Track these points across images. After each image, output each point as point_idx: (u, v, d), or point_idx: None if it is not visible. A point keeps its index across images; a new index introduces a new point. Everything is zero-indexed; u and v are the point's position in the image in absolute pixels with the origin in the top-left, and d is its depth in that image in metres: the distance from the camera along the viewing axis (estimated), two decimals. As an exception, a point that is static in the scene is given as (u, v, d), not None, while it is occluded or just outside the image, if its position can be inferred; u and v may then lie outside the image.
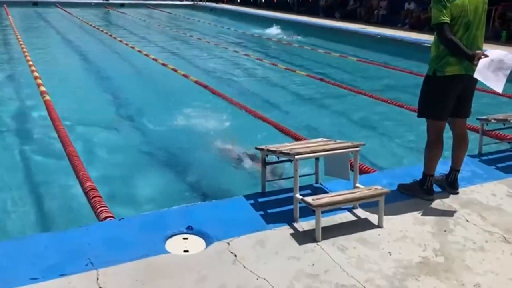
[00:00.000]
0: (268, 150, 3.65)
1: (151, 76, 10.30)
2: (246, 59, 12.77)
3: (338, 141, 3.87)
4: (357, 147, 3.61)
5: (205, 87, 8.76)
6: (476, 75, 3.46)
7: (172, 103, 8.05)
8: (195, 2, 29.93)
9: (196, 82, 9.14)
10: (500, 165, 4.65)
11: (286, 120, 7.22)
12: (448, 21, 3.53)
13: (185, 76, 9.71)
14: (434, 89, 3.72)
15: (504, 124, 4.94)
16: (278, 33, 18.01)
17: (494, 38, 15.00)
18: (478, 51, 3.54)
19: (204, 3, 29.43)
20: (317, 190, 3.92)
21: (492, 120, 4.83)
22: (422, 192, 3.87)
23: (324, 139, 4.05)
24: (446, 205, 3.80)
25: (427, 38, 15.00)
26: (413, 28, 17.85)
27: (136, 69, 11.08)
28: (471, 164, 4.66)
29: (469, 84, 3.73)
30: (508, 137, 5.31)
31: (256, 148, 3.82)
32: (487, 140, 5.25)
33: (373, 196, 3.36)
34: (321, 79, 9.93)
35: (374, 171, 4.74)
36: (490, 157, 4.87)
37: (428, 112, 3.80)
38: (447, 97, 3.69)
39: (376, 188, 3.43)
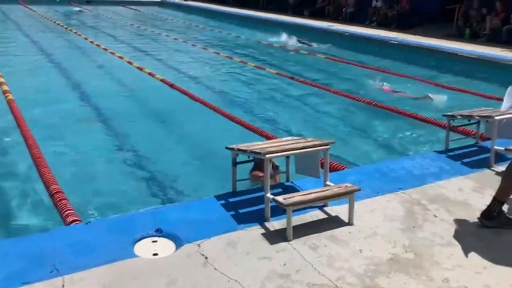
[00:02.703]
0: (238, 149, 3.61)
1: (117, 74, 10.10)
2: (215, 56, 12.67)
3: (308, 139, 3.87)
4: (327, 145, 3.62)
5: (171, 85, 8.64)
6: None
7: (136, 101, 7.93)
8: (163, -1, 29.56)
9: (162, 80, 9.02)
10: (466, 160, 4.75)
11: (256, 119, 7.21)
12: None
13: (150, 74, 9.58)
14: None
15: (469, 120, 5.04)
16: (247, 31, 17.96)
17: (458, 36, 15.37)
18: None
19: (172, 0, 29.09)
20: (288, 189, 3.90)
21: (458, 116, 4.93)
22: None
23: (295, 138, 4.05)
24: (415, 201, 3.85)
25: (395, 36, 15.27)
26: (381, 25, 18.09)
27: (103, 69, 10.83)
28: (438, 159, 4.75)
29: None
30: (473, 132, 5.42)
31: (227, 148, 3.77)
32: (454, 135, 5.37)
33: (344, 194, 3.37)
34: (291, 77, 9.94)
35: (344, 168, 4.77)
36: (457, 152, 4.97)
37: None
38: None
39: (346, 186, 3.45)
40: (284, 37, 15.73)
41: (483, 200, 3.89)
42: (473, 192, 4.06)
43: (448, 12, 16.34)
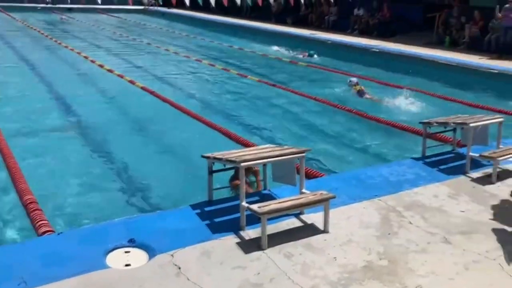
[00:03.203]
0: (214, 158, 3.59)
1: (97, 82, 10.01)
2: (197, 64, 12.65)
3: (285, 147, 3.88)
4: (303, 152, 3.62)
5: (152, 93, 8.60)
6: None
7: (116, 109, 7.86)
8: (147, 7, 29.47)
9: (142, 88, 8.97)
10: (442, 167, 4.79)
11: (237, 126, 7.20)
12: None
13: (131, 82, 9.51)
14: None
15: (445, 127, 5.10)
16: (230, 39, 17.99)
17: (438, 43, 15.60)
18: None
19: (155, 7, 29.02)
20: (264, 197, 3.89)
21: (434, 124, 4.98)
22: None
23: (272, 146, 4.05)
24: (391, 207, 3.87)
25: (376, 43, 15.42)
26: (362, 33, 18.27)
27: (84, 77, 10.73)
28: (415, 166, 4.79)
29: None
30: (450, 139, 5.48)
31: (203, 156, 3.75)
32: (431, 143, 5.43)
33: (319, 201, 3.37)
34: (273, 85, 9.96)
35: (322, 175, 4.78)
36: (433, 159, 5.01)
37: None
38: None
39: (321, 193, 3.45)
40: (267, 45, 15.78)
41: (458, 207, 3.94)
42: (449, 198, 4.09)
43: (429, 20, 16.58)
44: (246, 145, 5.81)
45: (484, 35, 14.44)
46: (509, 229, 3.57)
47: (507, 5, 12.88)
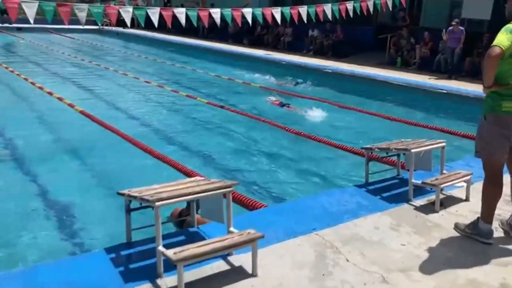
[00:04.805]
0: (129, 195, 3.22)
1: (35, 105, 9.45)
2: (146, 85, 12.23)
3: (212, 180, 3.55)
4: (230, 187, 3.31)
5: (89, 116, 8.13)
6: None
7: (50, 134, 7.38)
8: (101, 27, 28.84)
9: (81, 112, 8.47)
10: (385, 194, 4.58)
11: (180, 152, 6.87)
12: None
13: (70, 105, 8.99)
14: None
15: (387, 153, 4.92)
16: (183, 59, 17.68)
17: (390, 64, 15.79)
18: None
19: (110, 27, 28.44)
20: (193, 236, 3.55)
21: (376, 149, 4.79)
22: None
23: (198, 178, 3.72)
24: (328, 243, 3.59)
25: (330, 64, 15.47)
26: (317, 54, 18.36)
27: (19, 98, 10.13)
28: (357, 194, 4.56)
29: None
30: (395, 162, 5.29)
31: (118, 193, 3.37)
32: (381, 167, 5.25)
33: (245, 243, 3.05)
34: (221, 106, 9.68)
35: (262, 206, 4.48)
36: (376, 186, 4.81)
37: None
38: None
39: (249, 233, 3.13)
40: (221, 65, 15.55)
41: (399, 239, 3.72)
42: (390, 230, 3.86)
43: (381, 41, 16.81)
44: (185, 173, 5.50)
45: (434, 56, 14.73)
46: (448, 263, 3.36)
47: (450, 27, 13.18)
